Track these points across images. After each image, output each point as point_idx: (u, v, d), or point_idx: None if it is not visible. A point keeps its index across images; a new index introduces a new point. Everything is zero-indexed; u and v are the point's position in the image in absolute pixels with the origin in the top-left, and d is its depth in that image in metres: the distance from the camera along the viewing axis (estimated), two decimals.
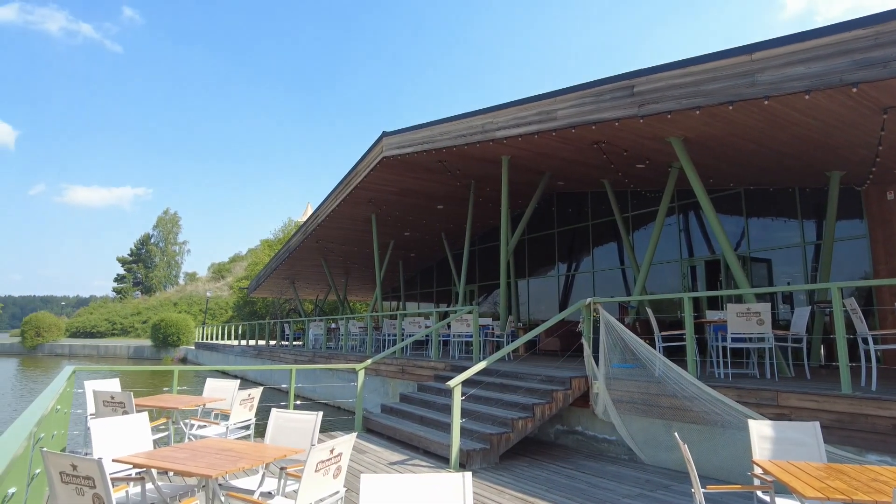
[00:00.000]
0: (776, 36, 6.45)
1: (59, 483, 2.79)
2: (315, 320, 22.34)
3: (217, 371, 22.11)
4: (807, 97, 6.31)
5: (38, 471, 3.59)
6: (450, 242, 19.61)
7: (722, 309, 9.87)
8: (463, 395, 6.75)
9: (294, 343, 24.68)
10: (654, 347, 7.23)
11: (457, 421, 6.41)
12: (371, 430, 8.62)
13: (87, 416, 6.42)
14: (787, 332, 7.59)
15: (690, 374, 6.30)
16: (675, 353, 7.41)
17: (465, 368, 8.85)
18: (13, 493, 2.36)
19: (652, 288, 13.10)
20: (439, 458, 6.92)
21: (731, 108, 7.00)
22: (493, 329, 12.31)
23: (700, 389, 6.04)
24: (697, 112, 7.36)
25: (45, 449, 2.84)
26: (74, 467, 2.73)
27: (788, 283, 11.20)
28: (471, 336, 11.47)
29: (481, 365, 7.15)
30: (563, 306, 16.23)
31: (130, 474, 3.98)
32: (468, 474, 2.38)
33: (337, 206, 16.60)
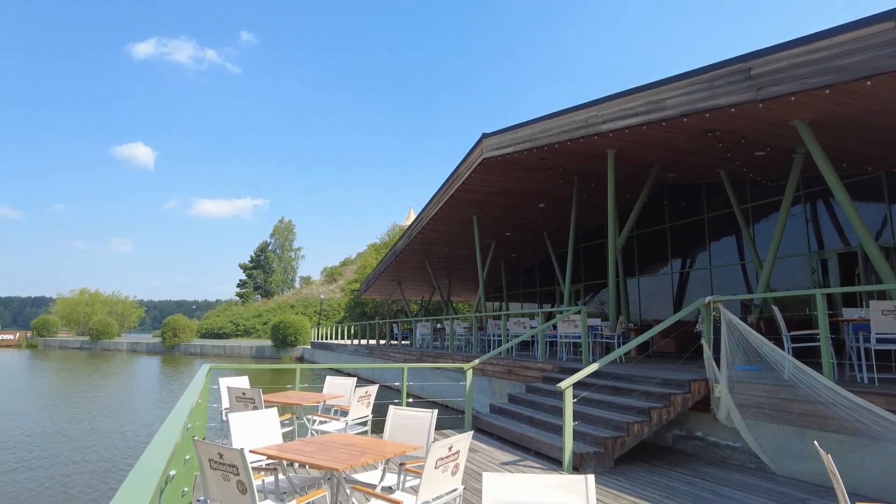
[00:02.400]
0: None
1: (208, 469, 3.08)
2: (421, 320, 22.89)
3: (332, 369, 23.32)
4: None
5: (187, 456, 3.97)
6: (553, 241, 19.31)
7: (862, 306, 8.91)
8: (574, 397, 6.62)
9: (402, 342, 25.43)
10: (782, 348, 6.68)
11: (569, 423, 6.30)
12: (480, 430, 8.68)
13: (221, 410, 7.02)
14: None
15: (826, 378, 5.75)
16: (805, 355, 6.80)
17: (573, 370, 8.69)
18: (174, 475, 2.64)
19: (776, 284, 12.11)
20: (551, 460, 6.83)
21: (868, 83, 6.32)
22: (601, 330, 11.97)
23: (839, 395, 5.50)
24: (827, 91, 6.72)
25: (195, 438, 3.15)
26: (221, 455, 3.00)
27: None
28: (579, 337, 11.22)
29: (593, 367, 6.97)
30: (677, 306, 15.43)
31: (261, 464, 4.30)
32: (591, 476, 2.33)
33: (439, 209, 16.92)
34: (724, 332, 6.91)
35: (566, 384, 6.40)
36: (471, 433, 3.50)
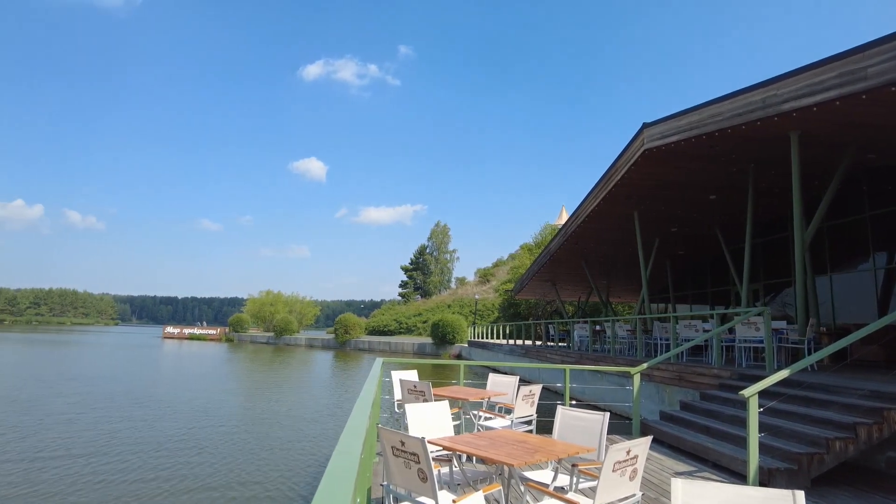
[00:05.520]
0: None
1: (391, 455, 3.29)
2: (579, 322, 22.33)
3: (487, 367, 23.67)
4: None
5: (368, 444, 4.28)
6: (725, 237, 17.71)
7: None
8: (758, 406, 5.99)
9: (558, 344, 25.03)
10: None
11: (754, 434, 5.72)
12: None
13: (394, 402, 7.47)
14: None
15: None
16: None
17: (755, 377, 7.90)
18: (362, 458, 2.86)
19: None
20: (731, 473, 6.27)
21: None
22: (787, 334, 10.72)
23: None
24: None
25: (379, 425, 3.38)
26: (403, 443, 3.18)
27: None
28: (759, 341, 10.16)
29: (782, 374, 6.26)
30: (882, 307, 13.30)
31: (433, 455, 4.48)
32: (800, 493, 2.08)
33: (596, 206, 16.35)
34: None
35: (751, 392, 5.82)
36: (649, 438, 3.33)
